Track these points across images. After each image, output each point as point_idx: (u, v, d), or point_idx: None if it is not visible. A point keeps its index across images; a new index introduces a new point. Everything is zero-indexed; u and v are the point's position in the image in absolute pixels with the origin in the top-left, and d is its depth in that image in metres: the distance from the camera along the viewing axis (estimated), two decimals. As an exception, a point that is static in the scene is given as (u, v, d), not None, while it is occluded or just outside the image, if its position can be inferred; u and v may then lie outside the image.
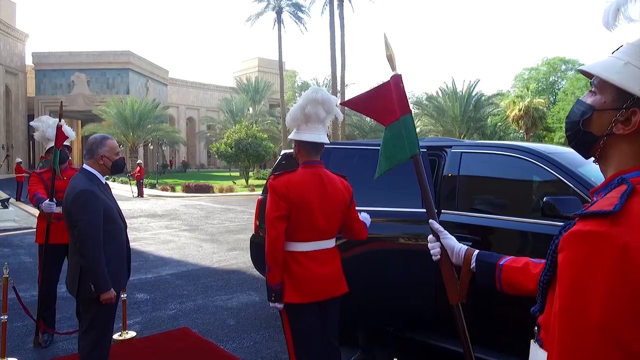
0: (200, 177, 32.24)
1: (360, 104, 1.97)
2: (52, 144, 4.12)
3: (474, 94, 33.19)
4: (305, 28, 42.42)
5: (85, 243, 2.56)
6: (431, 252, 1.61)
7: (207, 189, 22.53)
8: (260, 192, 5.80)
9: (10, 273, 6.52)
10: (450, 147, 3.48)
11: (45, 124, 4.25)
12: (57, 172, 3.93)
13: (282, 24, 34.98)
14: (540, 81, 47.23)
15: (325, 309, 2.53)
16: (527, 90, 36.35)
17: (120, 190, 22.33)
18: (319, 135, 2.46)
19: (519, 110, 33.82)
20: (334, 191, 2.50)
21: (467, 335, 1.56)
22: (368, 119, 40.75)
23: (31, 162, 38.07)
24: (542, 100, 34.70)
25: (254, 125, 31.66)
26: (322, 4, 31.73)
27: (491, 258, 1.43)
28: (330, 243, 2.55)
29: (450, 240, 1.57)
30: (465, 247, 1.53)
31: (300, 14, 35.20)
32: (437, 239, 1.60)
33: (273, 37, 55.30)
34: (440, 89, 35.05)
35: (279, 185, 2.38)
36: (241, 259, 7.42)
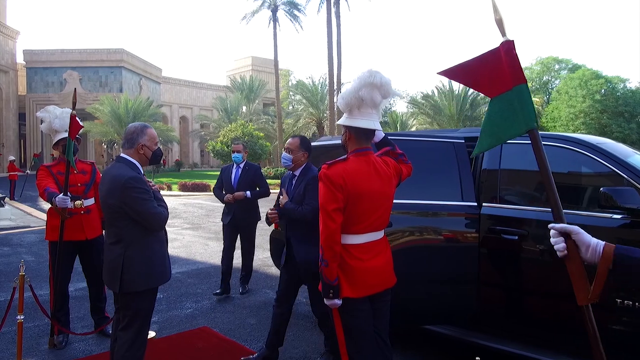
0: (195, 176, 31.91)
1: (461, 73, 1.80)
2: (61, 135, 3.90)
3: (470, 92, 33.24)
4: (301, 27, 42.17)
5: (148, 216, 2.55)
6: (555, 247, 1.46)
7: (204, 188, 22.26)
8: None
9: (15, 272, 6.35)
10: (489, 137, 3.35)
11: (52, 115, 3.93)
12: (72, 164, 3.74)
13: (277, 23, 34.80)
14: (534, 80, 47.43)
15: (374, 303, 2.39)
16: (523, 90, 36.39)
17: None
18: (373, 122, 2.32)
19: (515, 109, 33.86)
20: (387, 179, 2.37)
21: (599, 338, 1.41)
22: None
23: (22, 161, 37.46)
24: (538, 99, 34.88)
25: (250, 123, 31.44)
26: (318, 3, 31.62)
27: (637, 253, 1.29)
28: (381, 233, 2.42)
29: (584, 235, 1.42)
30: (603, 242, 1.38)
31: (296, 12, 35.02)
32: (561, 233, 1.46)
33: (266, 35, 55.12)
34: (436, 88, 35.08)
35: (334, 175, 2.23)
36: (250, 257, 7.23)
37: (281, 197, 3.43)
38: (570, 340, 2.84)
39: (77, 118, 3.77)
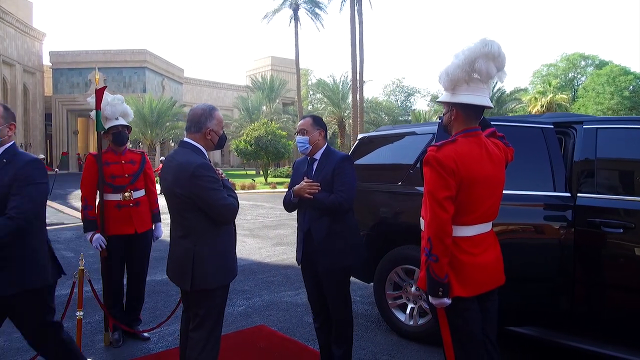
0: (218, 175, 31.91)
1: None
2: (112, 123, 3.75)
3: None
4: (322, 25, 41.68)
5: (218, 208, 2.34)
6: None
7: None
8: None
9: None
10: (581, 122, 3.09)
11: (104, 101, 3.68)
12: (100, 128, 3.60)
13: (298, 21, 34.63)
14: (559, 77, 46.44)
15: (482, 303, 2.16)
16: (550, 86, 35.67)
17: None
18: (484, 97, 2.09)
19: (541, 106, 33.20)
20: (498, 163, 2.13)
21: None
22: (383, 114, 40.10)
23: (48, 160, 38.06)
24: (565, 96, 34.04)
25: (272, 122, 31.36)
26: (340, 1, 31.32)
27: None
28: (490, 225, 2.18)
29: None
30: None
31: (317, 10, 34.80)
32: None
33: (286, 35, 54.98)
34: (461, 85, 34.43)
35: (445, 159, 1.99)
36: (291, 254, 7.07)
37: (304, 182, 2.83)
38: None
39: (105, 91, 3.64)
